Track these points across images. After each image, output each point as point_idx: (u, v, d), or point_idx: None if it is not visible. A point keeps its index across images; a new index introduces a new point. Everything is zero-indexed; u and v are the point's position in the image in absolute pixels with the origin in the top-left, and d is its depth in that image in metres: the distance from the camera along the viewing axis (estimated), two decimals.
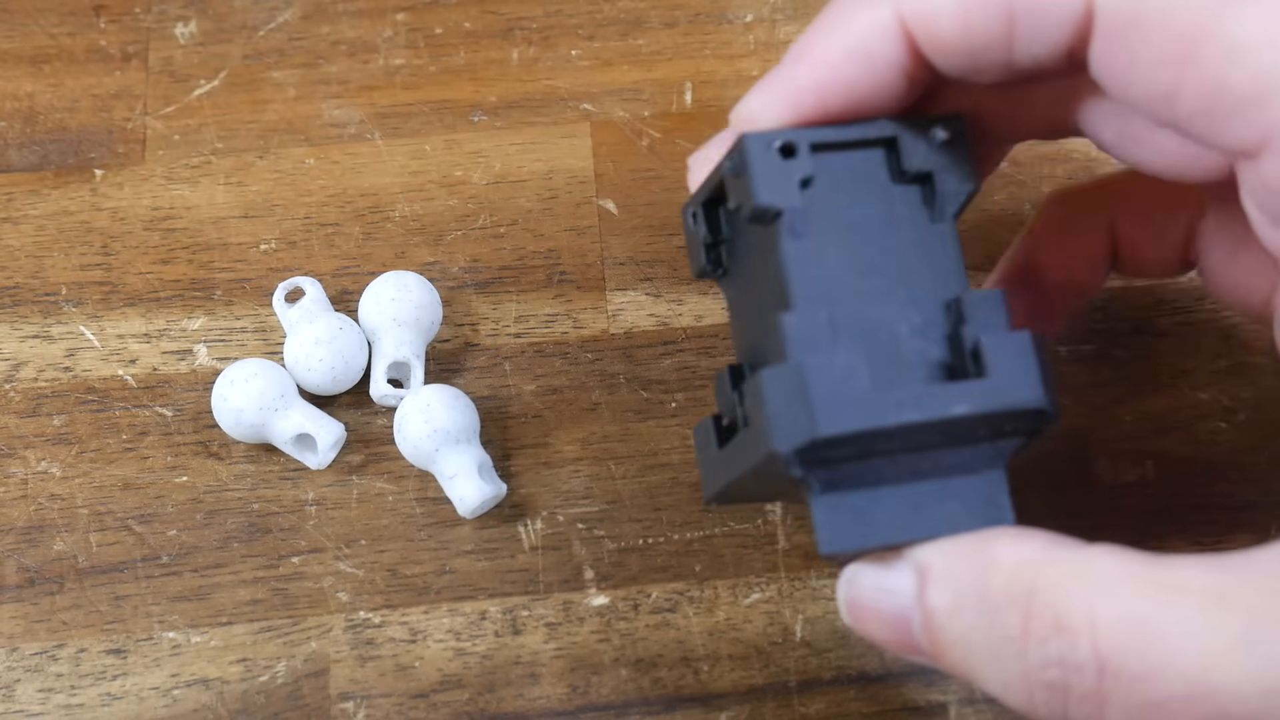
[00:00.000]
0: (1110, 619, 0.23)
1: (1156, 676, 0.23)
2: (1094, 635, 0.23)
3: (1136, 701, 0.23)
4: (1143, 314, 0.39)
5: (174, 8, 0.45)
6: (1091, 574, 0.24)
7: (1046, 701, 0.24)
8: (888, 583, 0.27)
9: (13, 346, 0.39)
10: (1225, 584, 0.23)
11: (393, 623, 0.35)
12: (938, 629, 0.26)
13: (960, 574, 0.26)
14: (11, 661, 0.34)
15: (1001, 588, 0.25)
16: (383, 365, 0.37)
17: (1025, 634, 0.24)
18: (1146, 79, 0.27)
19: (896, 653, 0.27)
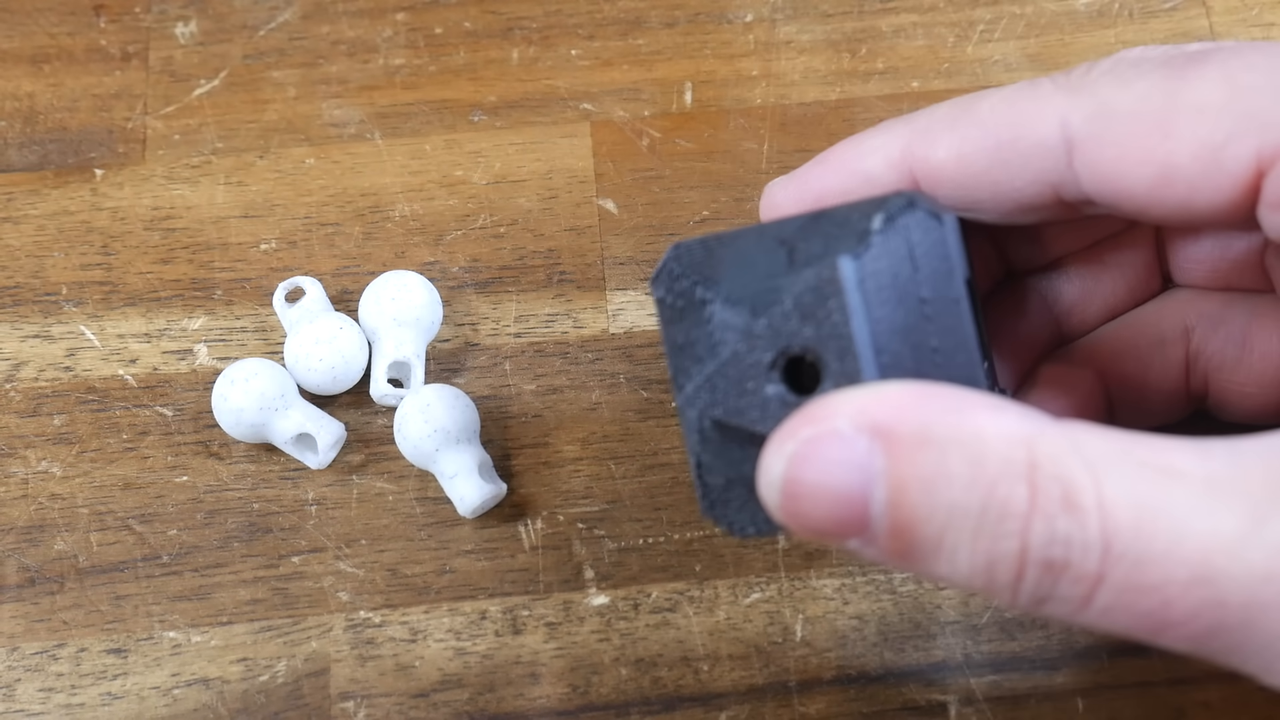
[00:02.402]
0: (1118, 499, 0.22)
1: (1159, 561, 0.22)
2: (1102, 514, 0.22)
3: (1133, 584, 0.22)
4: None
5: (174, 7, 0.45)
6: (1090, 451, 0.23)
7: (1036, 580, 0.23)
8: (841, 453, 0.23)
9: (13, 346, 0.39)
10: (1219, 471, 0.23)
11: (393, 622, 0.35)
12: (909, 505, 0.23)
13: (938, 441, 0.23)
14: (12, 661, 0.34)
15: (997, 459, 0.23)
16: (383, 365, 0.37)
17: (1032, 509, 0.23)
18: (1135, 173, 0.27)
19: (830, 539, 0.24)
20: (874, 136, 0.31)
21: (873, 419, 0.23)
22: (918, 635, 0.34)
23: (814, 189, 0.31)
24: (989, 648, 0.34)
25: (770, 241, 0.27)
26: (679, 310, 0.28)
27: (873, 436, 0.23)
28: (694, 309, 0.28)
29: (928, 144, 0.30)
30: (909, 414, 0.23)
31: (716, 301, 0.27)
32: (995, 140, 0.29)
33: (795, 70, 0.43)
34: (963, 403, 0.24)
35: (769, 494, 0.24)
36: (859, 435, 0.23)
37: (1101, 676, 0.34)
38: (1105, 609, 0.23)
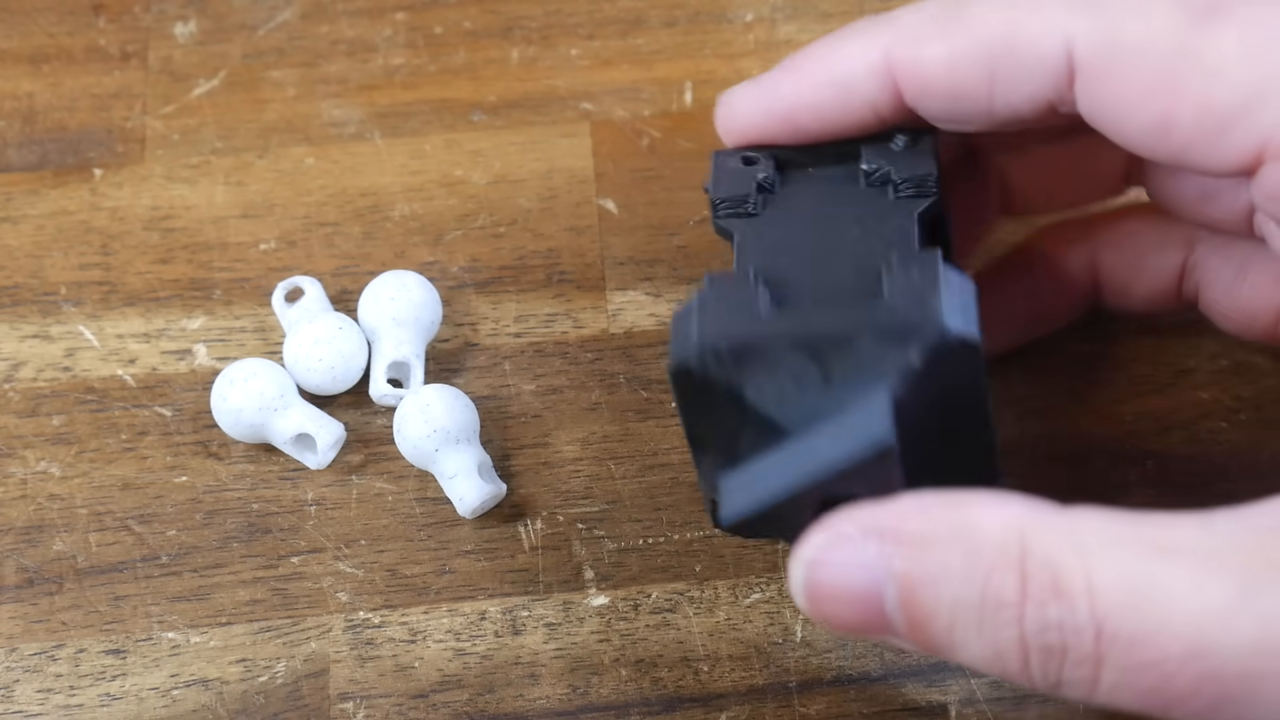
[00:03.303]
0: (1107, 581, 0.23)
1: (1153, 638, 0.23)
2: (1092, 598, 0.23)
3: (1133, 663, 0.23)
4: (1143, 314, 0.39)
5: (173, 7, 0.45)
6: (1083, 535, 0.24)
7: (1042, 665, 0.24)
8: (853, 556, 0.25)
9: (12, 346, 0.39)
10: (1215, 544, 0.23)
11: (392, 623, 0.35)
12: (918, 599, 0.24)
13: (939, 539, 0.24)
14: (10, 662, 0.34)
15: (991, 551, 0.24)
16: (382, 365, 0.37)
17: (1023, 598, 0.23)
18: (1136, 116, 0.27)
19: (863, 635, 0.26)
20: (850, 40, 0.30)
21: (879, 523, 0.25)
22: None
23: (784, 101, 0.30)
24: None
25: (800, 355, 0.28)
26: (703, 402, 0.29)
27: (880, 540, 0.25)
28: (721, 410, 0.29)
29: (914, 50, 0.29)
30: (912, 516, 0.25)
31: (748, 421, 0.29)
32: (990, 50, 0.28)
33: None
34: (962, 500, 0.25)
35: (797, 598, 0.26)
36: (868, 540, 0.25)
37: None
38: (1112, 688, 0.23)
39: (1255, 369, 0.38)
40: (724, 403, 0.29)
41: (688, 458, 0.37)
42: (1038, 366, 0.38)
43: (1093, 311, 0.36)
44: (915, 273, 0.28)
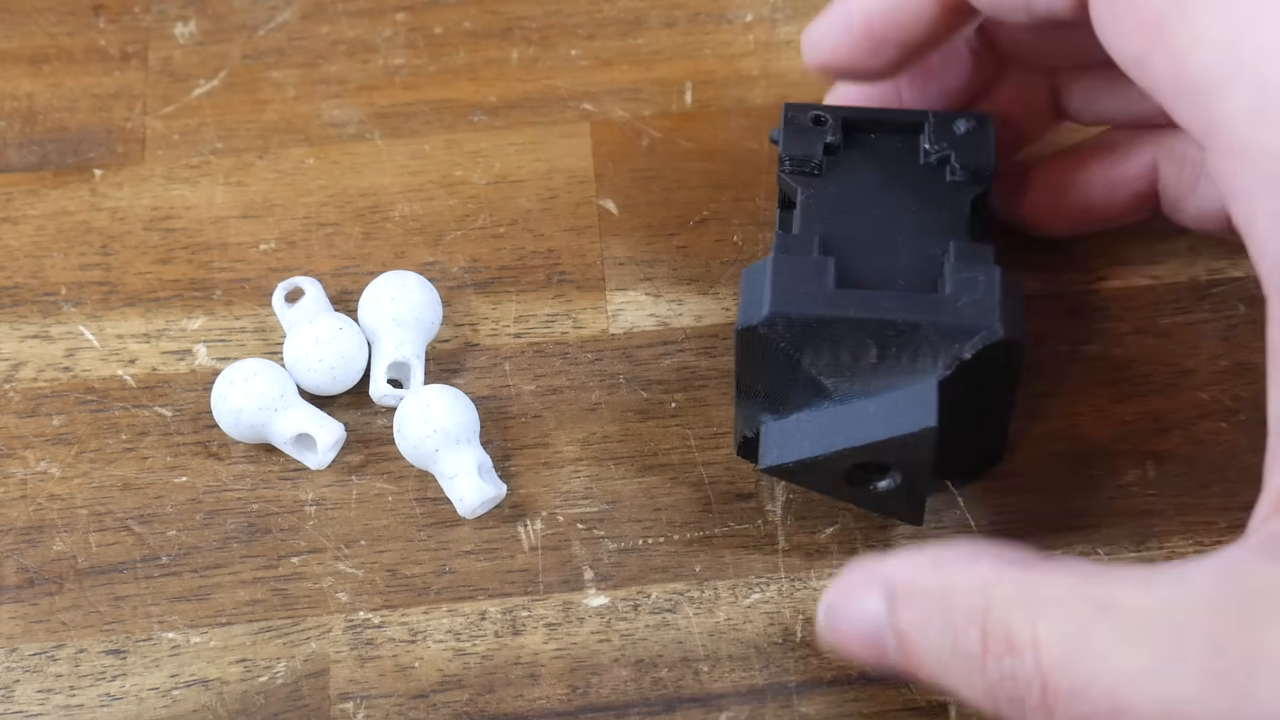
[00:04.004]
0: (1049, 637, 0.25)
1: (1084, 693, 0.25)
2: (1036, 653, 0.25)
3: (1074, 715, 0.25)
4: (1143, 314, 0.39)
5: (173, 7, 0.45)
6: (1035, 593, 0.26)
7: (1009, 711, 0.26)
8: (862, 607, 0.28)
9: (12, 346, 0.39)
10: (1151, 605, 0.25)
11: (392, 623, 0.35)
12: (910, 647, 0.28)
13: (923, 594, 0.28)
14: (10, 662, 0.34)
15: (961, 608, 0.27)
16: (382, 365, 0.37)
17: (984, 651, 0.26)
18: (1124, 43, 0.29)
19: (878, 669, 0.29)
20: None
21: (883, 577, 0.28)
22: None
23: (859, 13, 0.33)
24: None
25: (862, 335, 0.31)
26: (759, 359, 0.33)
27: (881, 593, 0.28)
28: (780, 368, 0.32)
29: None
30: (907, 572, 0.28)
31: (798, 380, 0.32)
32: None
33: (795, 70, 0.43)
34: (946, 558, 0.28)
35: (822, 636, 0.29)
36: (872, 592, 0.28)
37: None
38: None
39: (1255, 369, 0.38)
40: (780, 362, 0.32)
41: (688, 458, 0.37)
42: (1038, 366, 0.38)
43: (1153, 215, 0.37)
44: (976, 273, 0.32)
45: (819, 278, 0.32)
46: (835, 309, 0.32)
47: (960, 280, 0.32)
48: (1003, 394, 0.33)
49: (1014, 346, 0.32)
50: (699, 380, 0.38)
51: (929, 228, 0.33)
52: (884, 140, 0.35)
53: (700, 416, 0.37)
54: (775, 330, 0.32)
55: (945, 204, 0.34)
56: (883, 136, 0.35)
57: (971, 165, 0.34)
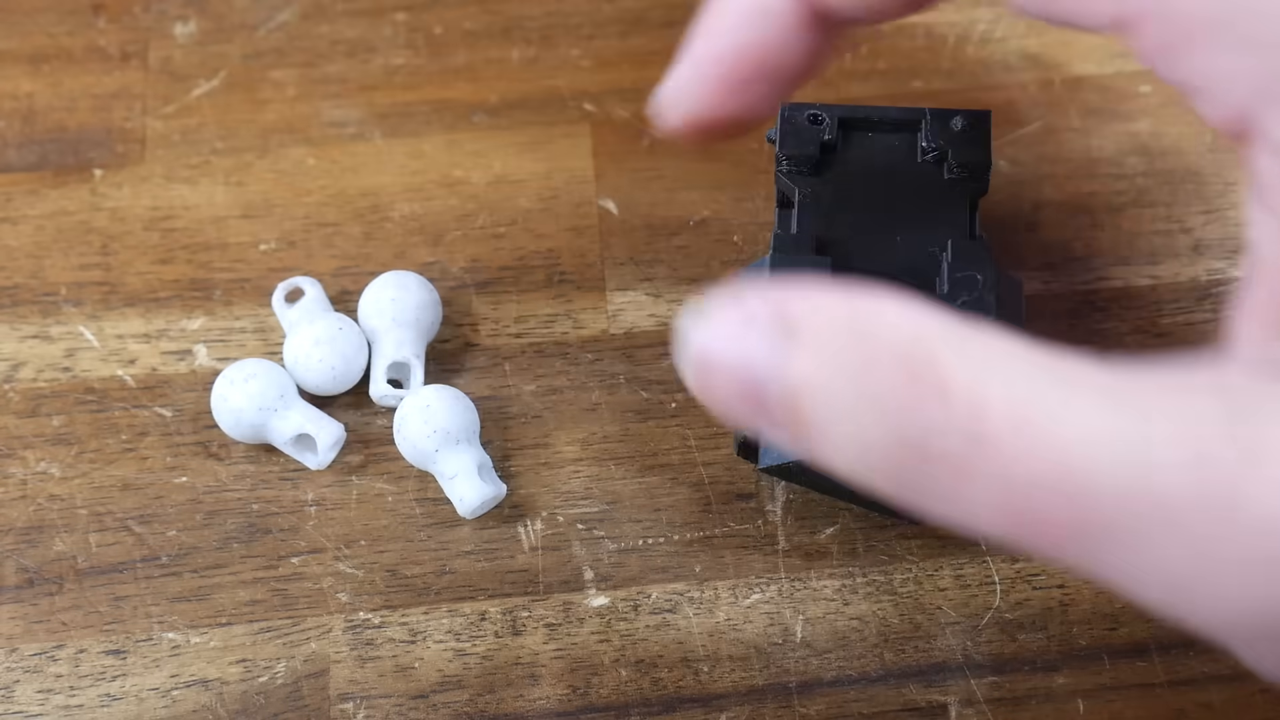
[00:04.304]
0: (994, 394, 0.22)
1: (1030, 454, 0.21)
2: (975, 407, 0.22)
3: (1002, 473, 0.22)
4: (1143, 314, 0.39)
5: (173, 7, 0.45)
6: (983, 348, 0.23)
7: (914, 469, 0.23)
8: (746, 347, 0.24)
9: (12, 346, 0.39)
10: (1117, 384, 0.22)
11: (392, 623, 0.35)
12: (801, 396, 0.23)
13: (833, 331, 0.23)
14: (10, 662, 0.34)
15: (887, 351, 0.23)
16: (382, 365, 0.37)
17: (908, 398, 0.22)
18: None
19: (735, 417, 0.24)
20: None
21: (779, 312, 0.24)
22: (918, 636, 0.34)
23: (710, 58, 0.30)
24: (989, 648, 0.34)
25: None
26: None
27: (776, 330, 0.23)
28: None
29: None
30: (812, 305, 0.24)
31: None
32: None
33: None
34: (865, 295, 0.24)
35: (684, 365, 0.25)
36: (769, 321, 0.24)
37: (1102, 678, 0.34)
38: (973, 504, 0.22)
39: None
40: None
41: (688, 458, 0.37)
42: None
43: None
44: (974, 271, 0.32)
45: (816, 277, 0.32)
46: None
47: (958, 279, 0.32)
48: None
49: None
50: None
51: (926, 225, 0.33)
52: (881, 138, 0.35)
53: (700, 416, 0.37)
54: None
55: (942, 202, 0.34)
56: (879, 135, 0.35)
57: (968, 163, 0.34)
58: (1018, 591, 0.35)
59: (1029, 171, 0.41)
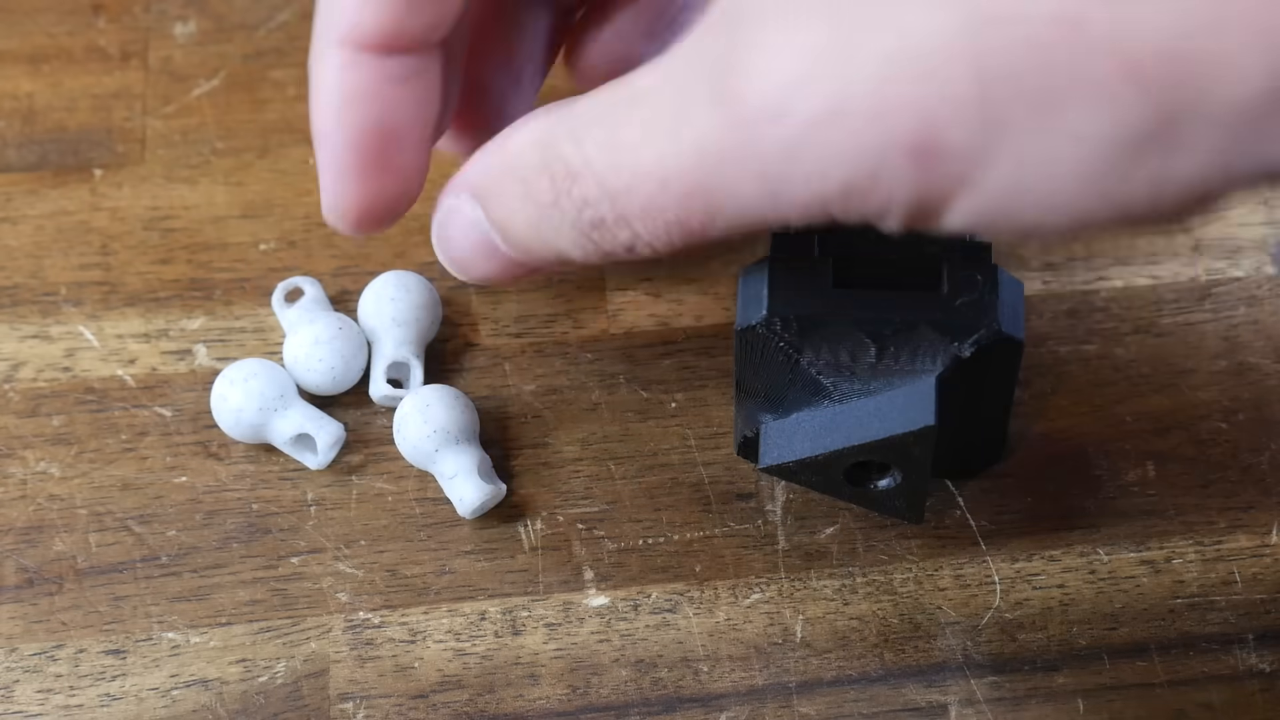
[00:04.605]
0: (596, 154, 0.27)
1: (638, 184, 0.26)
2: (591, 171, 0.27)
3: (641, 209, 0.27)
4: (1143, 314, 0.39)
5: (173, 7, 0.45)
6: (578, 120, 0.28)
7: (599, 240, 0.28)
8: (462, 222, 0.30)
9: (11, 346, 0.39)
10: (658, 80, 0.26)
11: (392, 623, 0.35)
12: (509, 232, 0.29)
13: (496, 175, 0.29)
14: (10, 662, 0.34)
15: (528, 168, 0.28)
16: (382, 365, 0.37)
17: (556, 193, 0.28)
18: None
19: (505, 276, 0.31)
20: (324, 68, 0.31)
21: (467, 184, 0.30)
22: (918, 636, 0.34)
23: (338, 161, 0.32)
24: (989, 648, 0.34)
25: (861, 334, 0.32)
26: (759, 359, 0.33)
27: (473, 195, 0.30)
28: (779, 368, 0.32)
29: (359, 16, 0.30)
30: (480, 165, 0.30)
31: (797, 380, 0.33)
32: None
33: None
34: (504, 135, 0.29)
35: (440, 254, 0.31)
36: (464, 203, 0.30)
37: (1102, 678, 0.34)
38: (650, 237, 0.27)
39: (1255, 370, 0.38)
40: (779, 362, 0.32)
41: (688, 458, 0.37)
42: (1038, 366, 0.38)
43: None
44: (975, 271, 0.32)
45: (817, 277, 0.32)
46: (833, 309, 0.32)
47: (959, 279, 0.32)
48: (1002, 393, 0.33)
49: (1013, 345, 0.32)
50: (699, 380, 0.38)
51: None
52: None
53: (700, 416, 0.37)
54: (774, 330, 0.32)
55: None
56: None
57: None
58: (1018, 591, 0.35)
59: None
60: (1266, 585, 0.35)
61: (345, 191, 0.32)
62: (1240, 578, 0.35)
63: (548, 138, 0.28)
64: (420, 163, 0.33)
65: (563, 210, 0.28)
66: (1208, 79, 0.21)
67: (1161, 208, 0.23)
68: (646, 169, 0.26)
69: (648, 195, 0.27)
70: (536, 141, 0.28)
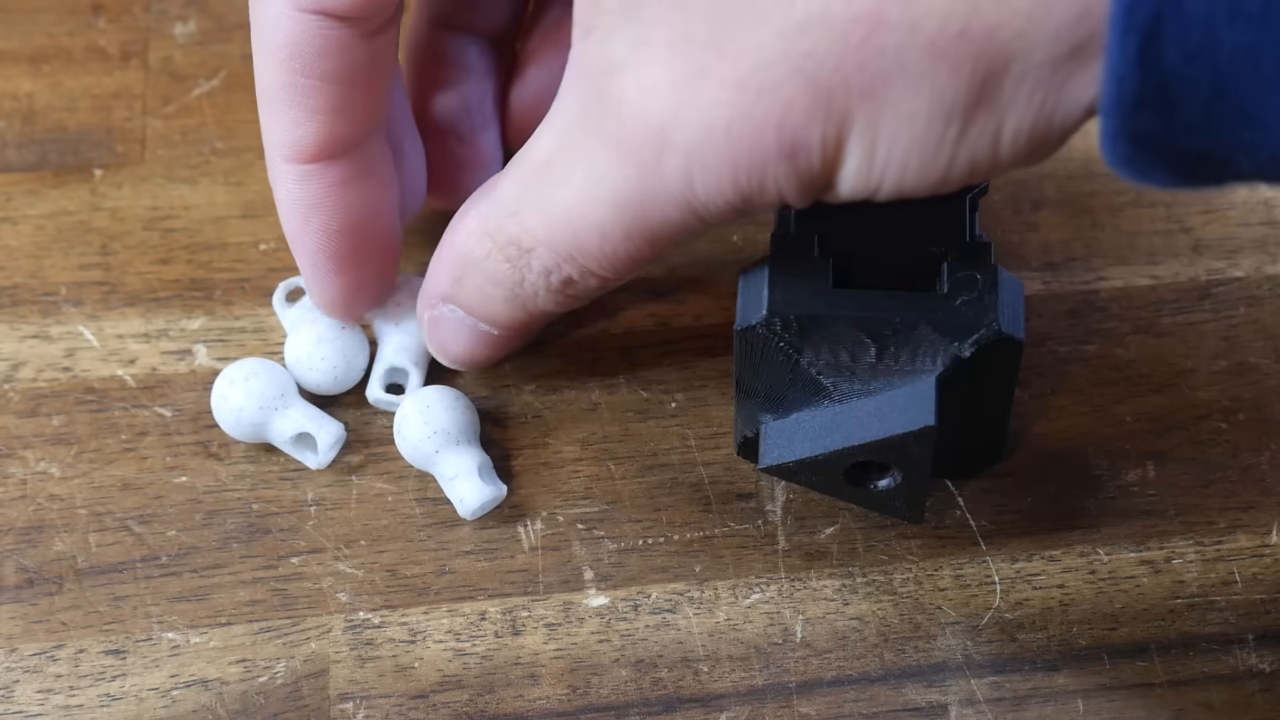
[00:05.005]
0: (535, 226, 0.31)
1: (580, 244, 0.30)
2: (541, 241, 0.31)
3: (595, 259, 0.31)
4: (1143, 314, 0.39)
5: (173, 7, 0.45)
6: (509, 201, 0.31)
7: (574, 293, 0.32)
8: (447, 329, 0.35)
9: (11, 346, 0.39)
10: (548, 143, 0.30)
11: (392, 623, 0.35)
12: (494, 317, 0.34)
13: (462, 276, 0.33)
14: (10, 662, 0.34)
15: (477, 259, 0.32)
16: (380, 370, 0.37)
17: (522, 270, 0.32)
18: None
19: (507, 350, 0.35)
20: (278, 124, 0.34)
21: (440, 292, 0.34)
22: (918, 636, 0.34)
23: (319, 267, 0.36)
24: (989, 649, 0.34)
25: (861, 334, 0.32)
26: (759, 359, 0.33)
27: (446, 301, 0.34)
28: (779, 368, 0.33)
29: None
30: (432, 276, 0.34)
31: (797, 380, 0.33)
32: None
33: None
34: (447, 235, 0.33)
35: (443, 359, 0.36)
36: (444, 304, 0.34)
37: (1102, 678, 0.34)
38: (607, 278, 0.31)
39: (1255, 369, 0.38)
40: (779, 362, 0.32)
41: (688, 458, 0.37)
42: (1038, 366, 0.38)
43: None
44: (974, 271, 0.32)
45: (817, 277, 0.32)
46: (833, 308, 0.32)
47: (958, 279, 0.32)
48: (1002, 393, 0.33)
49: (1013, 344, 0.32)
50: (699, 380, 0.38)
51: (927, 226, 0.33)
52: None
53: (700, 416, 0.37)
54: (774, 330, 0.32)
55: (942, 202, 0.34)
56: None
57: None
58: (1018, 591, 0.35)
59: (1029, 171, 0.41)
60: (1266, 585, 0.35)
61: (328, 287, 0.36)
62: (1240, 578, 0.35)
63: (489, 225, 0.32)
64: (393, 244, 0.36)
65: (531, 282, 0.32)
66: (1005, 45, 0.24)
67: (1003, 158, 0.26)
68: (584, 226, 0.30)
69: (595, 246, 0.30)
70: (480, 232, 0.32)
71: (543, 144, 0.30)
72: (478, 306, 0.34)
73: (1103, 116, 0.24)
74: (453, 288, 0.34)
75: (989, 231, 0.37)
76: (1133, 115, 0.24)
